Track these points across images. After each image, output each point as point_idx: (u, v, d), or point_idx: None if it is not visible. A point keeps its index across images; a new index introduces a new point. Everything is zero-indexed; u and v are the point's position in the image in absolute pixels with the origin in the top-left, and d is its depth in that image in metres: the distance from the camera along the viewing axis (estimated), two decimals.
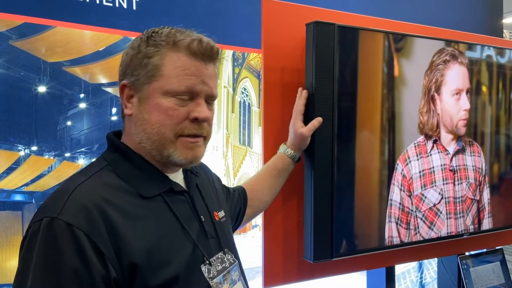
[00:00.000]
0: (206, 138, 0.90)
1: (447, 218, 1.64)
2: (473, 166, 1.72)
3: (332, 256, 1.36)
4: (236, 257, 1.00)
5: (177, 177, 0.93)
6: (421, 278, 2.90)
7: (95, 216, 0.75)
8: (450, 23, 2.60)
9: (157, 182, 0.87)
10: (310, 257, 1.33)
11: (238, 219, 1.25)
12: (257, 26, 1.40)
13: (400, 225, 1.53)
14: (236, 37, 2.14)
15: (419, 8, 2.77)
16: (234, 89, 2.25)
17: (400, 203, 1.53)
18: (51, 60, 1.68)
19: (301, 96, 1.35)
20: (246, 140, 2.30)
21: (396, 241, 1.52)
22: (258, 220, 2.05)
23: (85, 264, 0.71)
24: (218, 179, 1.19)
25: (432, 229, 1.60)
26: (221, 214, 1.03)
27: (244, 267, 1.04)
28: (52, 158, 1.70)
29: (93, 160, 0.90)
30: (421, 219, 1.58)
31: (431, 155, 1.61)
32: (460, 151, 1.67)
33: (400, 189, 1.54)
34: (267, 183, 1.33)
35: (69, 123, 1.73)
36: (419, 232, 1.57)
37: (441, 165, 1.63)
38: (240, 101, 2.29)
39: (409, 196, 1.56)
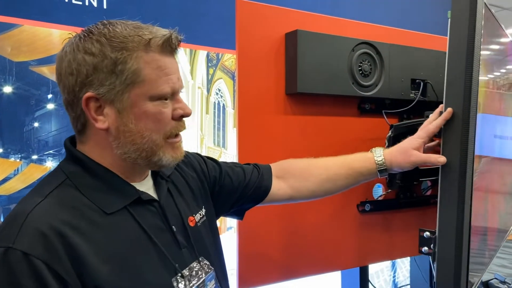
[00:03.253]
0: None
1: None
2: None
3: None
4: (214, 263, 0.95)
5: (146, 184, 0.88)
6: (394, 277, 2.95)
7: (54, 241, 0.69)
8: (415, 25, 2.66)
9: (122, 193, 0.81)
10: None
11: (249, 193, 1.12)
12: (231, 26, 1.39)
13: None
14: (210, 38, 2.12)
15: (384, 10, 2.83)
16: (208, 90, 2.23)
17: None
18: (17, 60, 1.63)
19: (442, 117, 1.07)
20: (220, 141, 2.29)
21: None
22: (233, 222, 2.04)
23: None
24: (200, 160, 1.08)
25: None
26: (198, 216, 0.96)
27: None
28: (18, 160, 1.64)
29: (51, 170, 0.84)
30: None
31: None
32: None
33: None
34: (325, 174, 1.15)
35: (36, 124, 1.67)
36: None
37: None
38: (214, 102, 2.27)
39: None
